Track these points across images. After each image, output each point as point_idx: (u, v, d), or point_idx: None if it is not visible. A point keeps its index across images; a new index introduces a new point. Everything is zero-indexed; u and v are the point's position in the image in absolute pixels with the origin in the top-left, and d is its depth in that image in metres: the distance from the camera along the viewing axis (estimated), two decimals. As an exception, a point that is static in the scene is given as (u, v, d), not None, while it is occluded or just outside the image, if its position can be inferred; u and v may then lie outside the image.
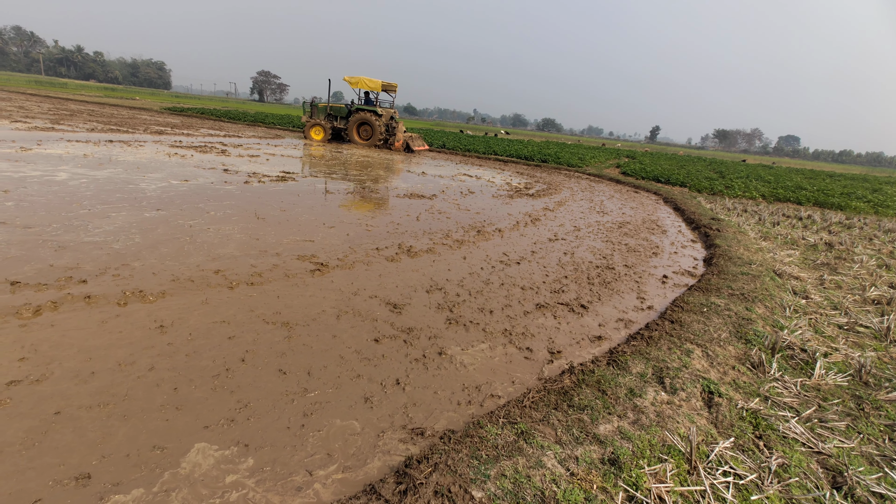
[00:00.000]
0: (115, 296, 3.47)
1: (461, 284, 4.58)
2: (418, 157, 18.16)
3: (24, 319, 3.02)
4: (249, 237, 5.24)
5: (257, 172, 9.77)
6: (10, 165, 7.68)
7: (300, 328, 3.33)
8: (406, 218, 7.14)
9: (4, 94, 32.62)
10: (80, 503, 1.78)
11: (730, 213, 11.07)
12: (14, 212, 5.18)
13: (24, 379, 2.45)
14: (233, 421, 2.31)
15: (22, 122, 14.80)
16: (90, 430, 2.16)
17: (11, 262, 3.83)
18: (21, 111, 19.37)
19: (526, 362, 3.25)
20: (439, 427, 2.43)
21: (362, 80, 18.82)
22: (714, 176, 19.84)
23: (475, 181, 12.68)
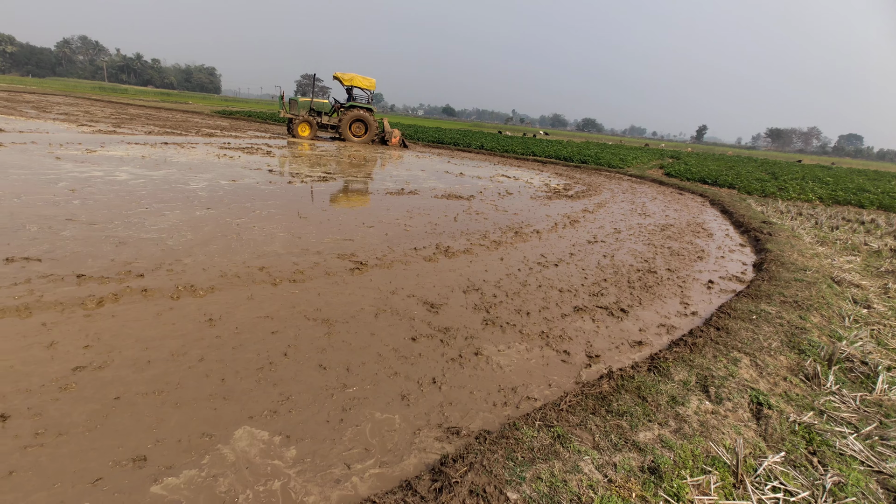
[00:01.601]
0: (169, 290, 3.67)
1: (498, 285, 4.57)
2: (456, 159, 18.20)
3: (89, 310, 3.24)
4: (292, 236, 5.41)
5: (300, 173, 10.07)
6: (76, 166, 8.24)
7: (340, 325, 3.41)
8: (444, 218, 7.18)
9: (72, 99, 34.98)
10: (136, 483, 1.89)
11: (783, 216, 10.52)
12: (80, 209, 5.55)
13: (88, 365, 2.63)
14: (276, 412, 2.40)
15: (87, 126, 15.84)
16: (146, 415, 2.29)
17: (78, 257, 4.11)
18: (87, 115, 20.73)
19: (563, 365, 3.21)
20: (475, 427, 2.44)
21: (356, 78, 18.93)
22: (766, 177, 18.89)
23: (513, 182, 12.60)
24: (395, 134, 20.36)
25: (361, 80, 19.02)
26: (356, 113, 19.46)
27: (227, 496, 1.86)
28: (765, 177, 19.04)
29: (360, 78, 19.01)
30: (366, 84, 19.12)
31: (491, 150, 22.44)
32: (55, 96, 36.92)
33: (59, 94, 41.80)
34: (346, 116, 19.43)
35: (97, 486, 1.85)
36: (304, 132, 19.14)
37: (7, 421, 2.14)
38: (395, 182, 10.27)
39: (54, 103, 27.50)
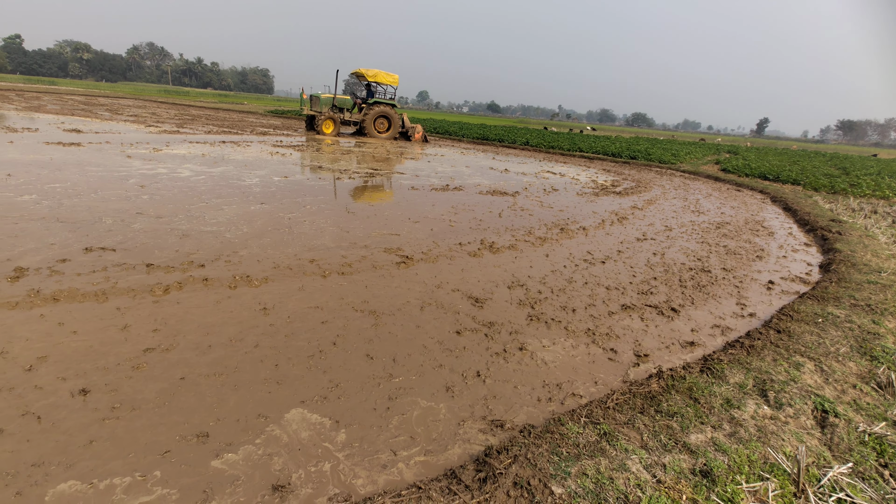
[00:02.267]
0: (227, 279, 3.88)
1: (543, 282, 4.52)
2: (500, 155, 18.07)
3: (157, 297, 3.48)
4: (341, 230, 5.57)
5: (348, 169, 10.33)
6: (144, 164, 8.83)
7: (386, 317, 3.49)
8: (488, 214, 7.17)
9: (140, 102, 37.40)
10: (199, 457, 2.02)
11: (855, 214, 9.78)
12: (148, 204, 5.96)
13: (156, 347, 2.83)
14: (325, 398, 2.49)
15: (154, 127, 16.91)
16: (207, 395, 2.44)
17: (147, 248, 4.42)
18: (153, 117, 22.12)
19: (609, 363, 3.14)
20: (519, 421, 2.44)
21: (380, 74, 18.78)
22: (835, 172, 17.59)
23: (559, 178, 12.38)
24: (418, 129, 20.37)
25: (385, 76, 18.89)
26: (381, 109, 19.42)
27: (282, 474, 1.96)
28: (834, 172, 17.74)
29: (384, 74, 18.89)
30: (389, 80, 18.97)
31: (536, 146, 22.14)
32: (126, 99, 39.60)
33: (129, 97, 44.78)
34: (371, 113, 19.30)
35: (166, 457, 2.00)
36: (328, 129, 19.02)
37: (88, 395, 2.34)
38: (439, 178, 10.34)
39: (125, 106, 29.51)
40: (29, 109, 19.93)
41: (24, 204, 5.46)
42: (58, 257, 3.99)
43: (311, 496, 1.87)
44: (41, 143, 10.31)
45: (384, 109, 19.51)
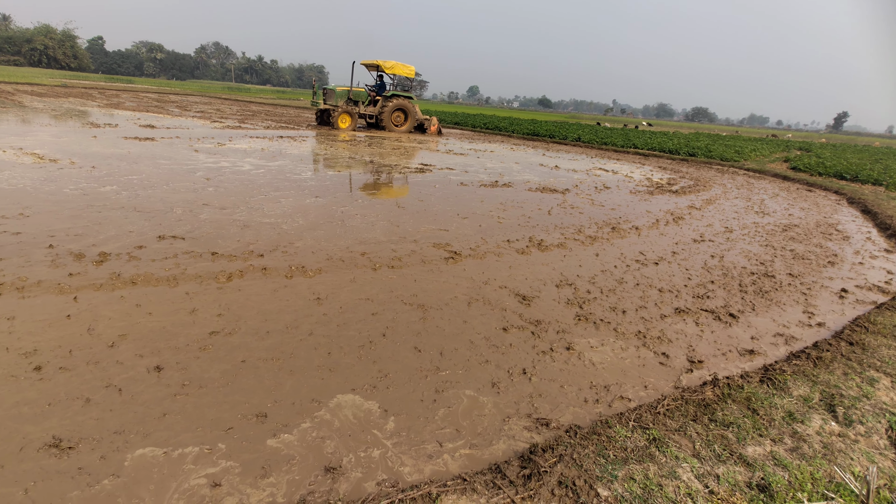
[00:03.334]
0: (284, 269, 4.07)
1: (592, 281, 4.44)
2: (551, 152, 17.77)
3: (221, 283, 3.71)
4: (391, 224, 5.70)
5: (398, 164, 10.50)
6: (209, 157, 9.37)
7: (434, 311, 3.55)
8: (537, 212, 7.09)
9: (206, 99, 39.57)
10: (258, 435, 2.16)
11: (944, 218, 8.89)
12: (213, 196, 6.33)
13: (220, 331, 3.02)
14: (375, 387, 2.58)
15: (218, 122, 17.87)
16: (266, 378, 2.59)
17: (212, 237, 4.71)
18: (218, 113, 23.37)
19: (661, 368, 3.05)
20: (564, 420, 2.42)
21: (397, 66, 18.03)
22: (924, 172, 16.01)
23: (611, 176, 12.03)
24: (433, 122, 19.98)
25: (402, 67, 18.22)
26: (399, 102, 18.74)
27: (333, 457, 2.06)
28: (922, 172, 16.15)
29: (401, 66, 18.19)
30: (406, 71, 18.32)
31: (588, 142, 21.57)
32: (193, 96, 42.03)
33: (196, 94, 47.48)
34: (389, 106, 18.56)
35: (229, 433, 2.14)
36: (344, 123, 18.21)
37: (161, 372, 2.54)
38: (488, 174, 10.32)
39: (193, 102, 31.33)
40: (109, 106, 21.58)
41: (106, 194, 5.95)
42: (135, 244, 4.33)
43: (360, 480, 1.95)
44: (120, 138, 11.16)
45: (401, 102, 18.81)
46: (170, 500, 1.76)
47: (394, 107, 18.72)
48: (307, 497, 1.82)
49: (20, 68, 65.38)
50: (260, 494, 1.83)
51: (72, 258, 3.89)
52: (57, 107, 18.98)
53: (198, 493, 1.81)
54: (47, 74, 52.96)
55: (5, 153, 8.03)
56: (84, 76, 66.46)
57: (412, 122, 19.28)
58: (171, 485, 1.84)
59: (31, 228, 4.48)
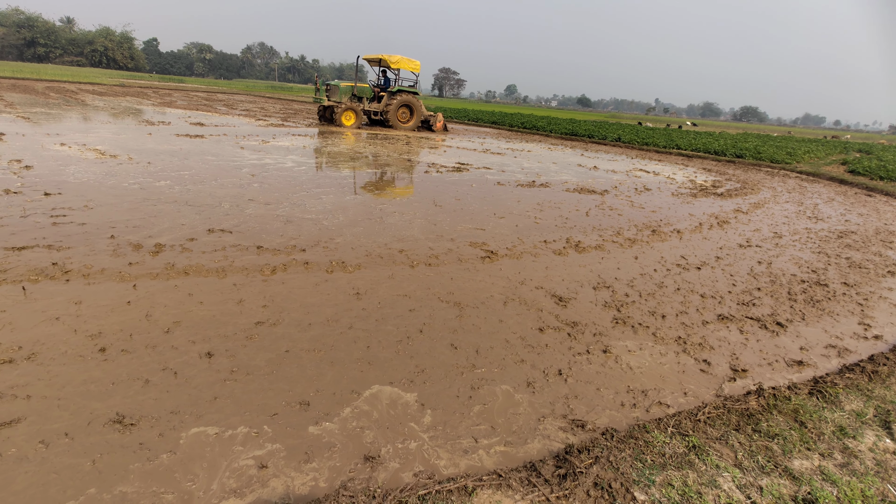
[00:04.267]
0: (325, 264, 4.20)
1: (631, 285, 4.36)
2: (590, 152, 17.46)
3: (266, 276, 3.87)
4: (428, 222, 5.77)
5: (435, 163, 10.59)
6: (254, 154, 9.73)
7: (470, 309, 3.59)
8: (575, 213, 7.01)
9: (251, 97, 40.96)
10: (301, 422, 2.25)
11: None
12: (258, 192, 6.58)
13: (265, 321, 3.16)
14: (412, 382, 2.64)
15: (262, 120, 18.49)
16: (308, 368, 2.69)
17: (257, 231, 4.90)
18: (262, 111, 24.17)
19: (701, 375, 2.98)
20: (600, 423, 2.41)
21: (402, 60, 17.42)
22: None
23: (652, 177, 11.72)
24: (439, 118, 19.55)
25: (407, 62, 17.55)
26: (404, 98, 18.15)
27: (372, 447, 2.13)
28: None
29: (406, 60, 17.54)
30: (411, 66, 17.62)
31: (629, 142, 21.06)
32: (239, 95, 43.56)
33: (242, 93, 49.19)
34: (395, 102, 17.97)
35: (274, 419, 2.25)
36: (348, 121, 17.44)
37: (212, 358, 2.69)
38: (525, 174, 10.26)
39: (238, 101, 32.50)
40: (162, 105, 22.68)
41: (160, 188, 6.29)
42: (187, 236, 4.57)
43: (398, 470, 2.01)
44: (173, 135, 11.73)
45: (407, 98, 18.20)
46: (221, 478, 1.88)
47: (399, 103, 18.15)
48: (348, 483, 1.89)
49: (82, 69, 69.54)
50: (304, 478, 1.92)
51: (131, 248, 4.14)
52: (115, 105, 20.12)
53: (246, 472, 1.92)
54: (107, 74, 56.10)
55: (71, 149, 8.60)
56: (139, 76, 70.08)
57: (418, 118, 18.73)
58: (222, 463, 1.95)
59: (94, 219, 4.79)
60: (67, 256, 3.84)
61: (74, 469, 1.86)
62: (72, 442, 1.99)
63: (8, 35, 79.74)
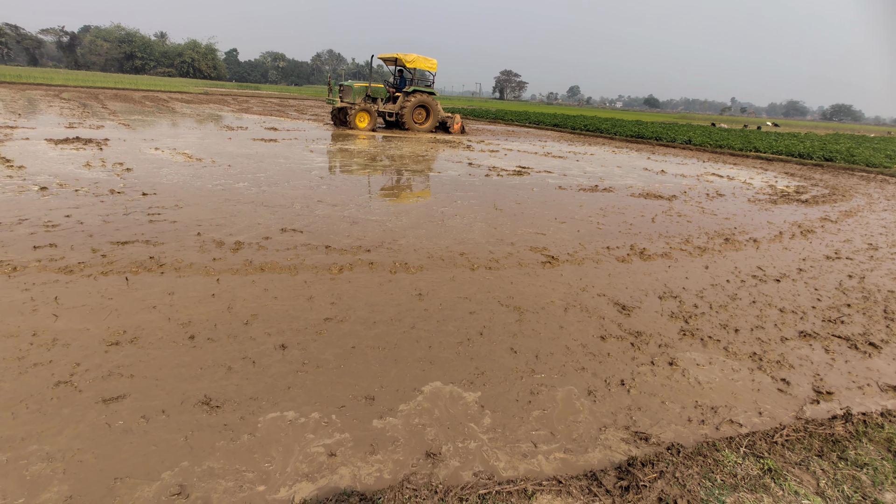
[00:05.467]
0: (388, 265, 4.35)
1: (700, 295, 4.16)
2: (657, 155, 16.73)
3: (333, 274, 4.07)
4: (489, 226, 5.80)
5: (496, 167, 10.60)
6: (322, 157, 10.19)
7: (530, 314, 3.58)
8: (640, 219, 6.77)
9: (319, 102, 42.83)
10: (366, 416, 2.36)
11: None
12: (327, 193, 6.91)
13: (333, 318, 3.33)
14: (472, 383, 2.69)
15: (329, 125, 19.32)
16: (373, 364, 2.82)
17: (326, 232, 5.16)
18: (329, 116, 25.24)
19: (779, 395, 2.80)
20: (665, 437, 2.34)
21: (419, 59, 16.69)
22: None
23: (726, 182, 11.05)
24: (457, 120, 18.70)
25: (424, 61, 16.85)
26: (420, 98, 17.37)
27: (433, 444, 2.20)
28: None
29: (423, 59, 16.83)
30: (428, 65, 16.92)
31: (700, 145, 19.94)
32: (309, 100, 45.73)
33: (311, 98, 51.61)
34: (411, 102, 17.20)
35: (342, 411, 2.38)
36: (362, 122, 16.77)
37: (286, 350, 2.88)
38: (588, 178, 10.02)
39: (308, 106, 34.14)
40: (240, 111, 24.31)
41: (239, 189, 6.77)
42: (263, 235, 4.89)
43: (458, 468, 2.06)
44: (249, 140, 12.56)
45: (423, 98, 17.42)
46: (295, 462, 2.02)
47: (415, 103, 17.37)
48: (410, 477, 1.97)
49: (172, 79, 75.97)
50: (369, 468, 2.02)
51: (214, 245, 4.51)
52: (200, 112, 21.82)
53: (317, 459, 2.05)
54: (193, 84, 60.94)
55: (164, 153, 9.45)
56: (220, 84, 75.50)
57: (434, 119, 17.99)
58: (296, 448, 2.09)
59: (183, 218, 5.25)
60: (162, 251, 4.25)
61: (170, 443, 2.08)
62: (168, 419, 2.22)
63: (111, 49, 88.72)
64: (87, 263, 3.87)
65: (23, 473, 1.86)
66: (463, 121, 19.71)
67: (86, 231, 4.62)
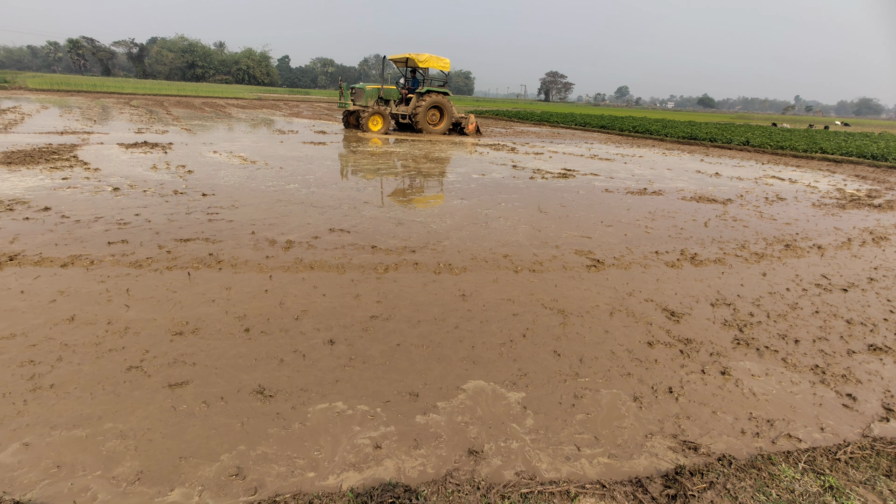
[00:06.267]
0: (433, 265, 4.41)
1: (757, 304, 3.97)
2: (711, 157, 16.02)
3: (379, 274, 4.17)
4: (532, 228, 5.77)
5: (541, 169, 10.50)
6: (367, 160, 10.44)
7: (574, 318, 3.54)
8: (691, 223, 6.52)
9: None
10: (409, 411, 2.42)
11: None
12: (373, 195, 7.08)
13: (379, 316, 3.42)
14: (515, 384, 2.70)
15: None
16: (417, 362, 2.87)
17: (372, 232, 5.30)
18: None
19: (843, 410, 2.64)
20: (716, 448, 2.26)
21: (431, 59, 16.17)
22: None
23: (787, 185, 10.44)
24: (472, 120, 18.10)
25: (436, 60, 16.36)
26: (434, 99, 16.83)
27: (475, 442, 2.22)
28: None
29: (436, 59, 16.33)
30: (440, 65, 16.42)
31: (759, 146, 18.91)
32: (355, 105, 46.90)
33: (358, 103, 52.91)
34: (424, 103, 16.66)
35: (387, 405, 2.45)
36: (375, 126, 16.31)
37: (334, 345, 2.99)
38: (636, 181, 9.75)
39: (354, 111, 35.00)
40: (291, 115, 25.27)
41: (290, 191, 7.05)
42: (312, 234, 5.08)
43: (500, 467, 2.07)
44: (300, 143, 13.04)
45: (437, 99, 16.88)
46: (343, 452, 2.10)
47: (429, 104, 16.85)
48: (453, 472, 2.01)
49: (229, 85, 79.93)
50: (413, 462, 2.07)
51: (267, 243, 4.72)
52: (254, 116, 22.85)
53: (363, 450, 2.12)
54: (247, 90, 63.84)
55: (221, 156, 9.98)
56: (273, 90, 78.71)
57: (448, 121, 17.49)
58: (343, 439, 2.18)
59: (239, 217, 5.54)
60: (220, 248, 4.50)
61: (228, 427, 2.21)
62: (226, 405, 2.36)
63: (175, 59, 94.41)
64: (154, 259, 4.16)
65: (100, 448, 2.04)
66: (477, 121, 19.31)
67: (153, 229, 4.96)
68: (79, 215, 5.24)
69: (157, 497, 1.82)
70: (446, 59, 16.63)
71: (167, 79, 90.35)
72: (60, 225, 4.90)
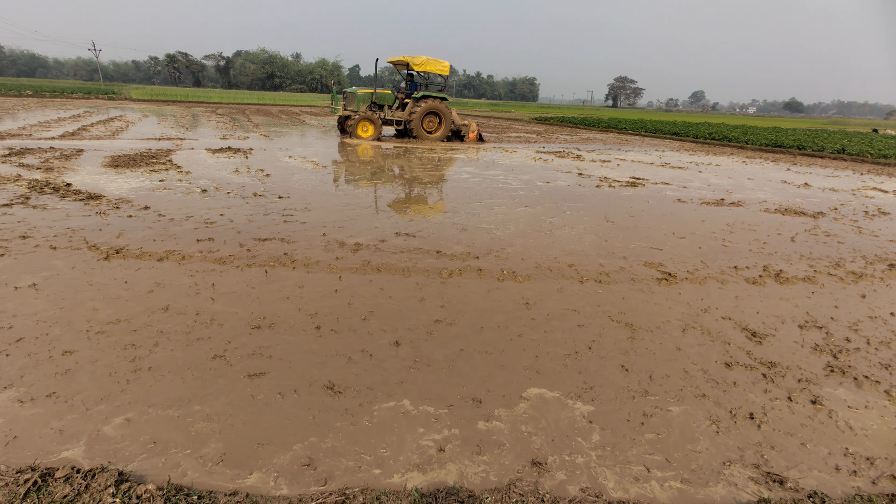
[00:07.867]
0: (496, 272, 4.40)
1: (854, 328, 3.61)
2: (799, 166, 14.77)
3: (443, 279, 4.23)
4: (599, 238, 5.60)
5: (608, 177, 10.18)
6: (428, 165, 10.61)
7: (643, 332, 3.40)
8: (776, 237, 6.05)
9: (430, 114, 44.68)
10: (472, 417, 2.42)
11: None
12: (437, 200, 7.19)
13: (443, 320, 3.46)
14: (580, 397, 2.63)
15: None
16: (480, 368, 2.88)
17: (437, 238, 5.37)
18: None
19: (962, 455, 2.33)
20: (805, 484, 2.07)
21: (429, 62, 15.39)
22: None
23: (892, 198, 9.42)
24: (473, 128, 17.24)
25: (434, 63, 15.57)
26: (431, 104, 15.91)
27: (539, 453, 2.19)
28: None
29: (434, 62, 15.54)
30: (439, 68, 15.63)
31: (857, 154, 17.19)
32: (420, 112, 47.87)
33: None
34: (420, 108, 15.80)
35: (450, 409, 2.47)
36: (364, 132, 15.53)
37: (399, 347, 3.07)
38: (712, 191, 9.19)
39: (420, 118, 35.75)
40: (360, 123, 26.23)
41: (358, 195, 7.33)
42: (379, 237, 5.25)
43: (564, 482, 2.03)
44: (367, 148, 13.50)
45: (434, 104, 15.97)
46: (407, 452, 2.14)
47: (425, 110, 15.93)
48: (516, 482, 1.99)
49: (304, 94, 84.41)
50: (476, 468, 2.07)
51: (337, 245, 4.93)
52: (325, 123, 23.97)
53: (427, 452, 2.15)
54: (320, 98, 67.02)
55: (295, 161, 10.56)
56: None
57: (447, 127, 16.54)
58: (408, 439, 2.23)
59: (312, 219, 5.83)
60: (294, 249, 4.76)
61: (300, 419, 2.33)
62: (299, 397, 2.49)
63: (256, 70, 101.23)
64: (235, 256, 4.48)
65: (189, 429, 2.22)
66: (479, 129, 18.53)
67: (235, 228, 5.34)
68: (172, 214, 5.75)
69: (238, 479, 1.95)
70: (445, 63, 15.95)
71: (249, 88, 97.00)
72: (157, 223, 5.39)
